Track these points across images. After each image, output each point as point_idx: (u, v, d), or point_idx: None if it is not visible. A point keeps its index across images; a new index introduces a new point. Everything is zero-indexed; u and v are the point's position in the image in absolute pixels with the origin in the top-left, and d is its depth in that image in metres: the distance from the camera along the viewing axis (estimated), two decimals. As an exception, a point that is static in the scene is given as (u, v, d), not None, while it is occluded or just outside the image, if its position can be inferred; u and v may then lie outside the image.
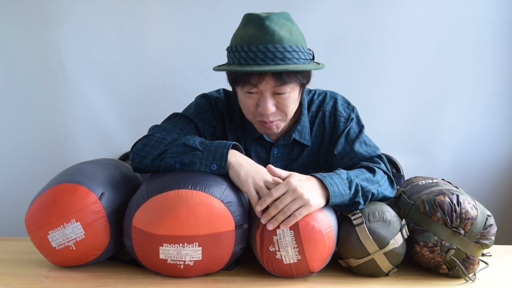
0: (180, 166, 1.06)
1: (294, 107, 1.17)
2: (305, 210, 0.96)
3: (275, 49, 1.06)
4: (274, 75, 1.08)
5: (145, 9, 1.83)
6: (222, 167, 1.03)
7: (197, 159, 1.04)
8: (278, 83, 1.09)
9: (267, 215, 0.96)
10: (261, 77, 1.08)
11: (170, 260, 0.95)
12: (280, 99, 1.12)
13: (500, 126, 1.90)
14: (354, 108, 1.29)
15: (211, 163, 1.04)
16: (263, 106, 1.11)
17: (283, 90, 1.10)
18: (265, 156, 1.27)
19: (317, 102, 1.28)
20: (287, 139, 1.24)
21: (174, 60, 1.86)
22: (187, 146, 1.07)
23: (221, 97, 1.29)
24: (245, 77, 1.09)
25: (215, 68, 1.17)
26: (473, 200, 1.03)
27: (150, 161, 1.09)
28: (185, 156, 1.06)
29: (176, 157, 1.06)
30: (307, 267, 0.96)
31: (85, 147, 1.88)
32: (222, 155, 1.04)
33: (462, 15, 1.84)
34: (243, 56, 1.08)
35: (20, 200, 1.47)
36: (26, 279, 0.99)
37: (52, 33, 1.82)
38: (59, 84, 1.85)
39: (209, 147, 1.06)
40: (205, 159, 1.04)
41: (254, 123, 1.19)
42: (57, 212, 0.97)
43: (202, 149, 1.05)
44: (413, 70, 1.87)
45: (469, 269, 1.01)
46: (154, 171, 1.10)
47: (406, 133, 1.90)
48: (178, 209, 0.93)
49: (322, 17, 1.78)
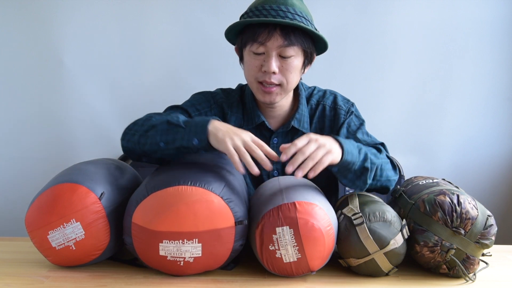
0: (165, 145, 1.08)
1: (295, 78, 1.21)
2: (330, 157, 1.01)
3: (287, 10, 1.14)
4: (282, 34, 1.14)
5: (145, 9, 1.84)
6: (203, 140, 1.04)
7: (179, 135, 1.06)
8: (285, 43, 1.14)
9: (294, 162, 0.98)
10: (270, 34, 1.14)
11: (170, 256, 0.95)
12: (284, 63, 1.17)
13: (499, 125, 1.90)
14: (354, 104, 1.34)
15: (192, 137, 1.05)
16: (267, 64, 1.16)
17: (288, 53, 1.16)
18: None
19: (317, 96, 1.33)
20: (286, 127, 1.28)
21: (174, 60, 1.87)
22: (170, 123, 1.09)
23: (218, 92, 1.34)
24: (254, 35, 1.15)
25: (227, 29, 1.21)
26: (473, 200, 1.03)
27: (138, 137, 1.12)
28: (168, 133, 1.08)
29: (161, 134, 1.09)
30: (307, 265, 0.96)
31: (85, 147, 1.88)
32: (203, 128, 1.04)
33: (462, 15, 1.84)
34: (256, 14, 1.15)
35: (20, 200, 1.47)
36: (26, 279, 0.99)
37: (52, 33, 1.82)
38: (59, 84, 1.86)
39: (190, 123, 1.07)
40: (187, 134, 1.05)
41: (256, 90, 1.22)
42: (57, 212, 0.97)
43: (184, 126, 1.07)
44: (413, 70, 1.87)
45: (469, 269, 1.01)
46: (140, 150, 1.13)
47: (406, 133, 1.90)
48: (177, 205, 0.93)
49: (322, 17, 1.78)
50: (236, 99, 1.32)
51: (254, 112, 1.29)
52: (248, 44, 1.18)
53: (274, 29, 1.14)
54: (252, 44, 1.17)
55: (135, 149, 1.14)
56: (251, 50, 1.18)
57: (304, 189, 1.05)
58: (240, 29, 1.22)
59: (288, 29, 1.14)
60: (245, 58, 1.22)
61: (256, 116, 1.28)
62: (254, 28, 1.16)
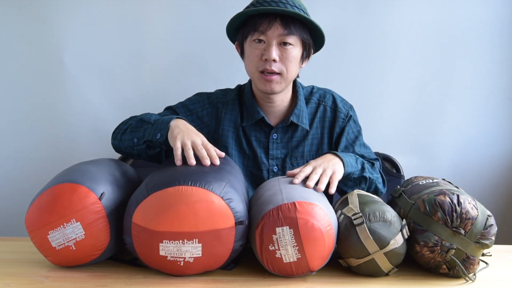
0: (137, 140, 1.18)
1: (294, 68, 1.26)
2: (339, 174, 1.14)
3: (286, 2, 1.20)
4: (282, 23, 1.20)
5: (145, 9, 1.83)
6: (163, 135, 1.12)
7: (148, 131, 1.15)
8: (285, 32, 1.20)
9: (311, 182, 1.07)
10: (270, 24, 1.20)
11: (170, 256, 0.95)
12: (284, 51, 1.22)
13: (499, 126, 1.90)
14: (352, 107, 1.39)
15: (157, 132, 1.14)
16: (268, 53, 1.21)
17: (288, 41, 1.21)
18: (265, 141, 1.33)
19: (317, 95, 1.38)
20: (285, 122, 1.32)
21: (174, 60, 1.87)
22: (143, 121, 1.20)
23: (216, 92, 1.39)
24: (256, 25, 1.21)
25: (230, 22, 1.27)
26: (473, 200, 1.03)
27: (120, 135, 1.24)
28: (140, 130, 1.19)
29: (134, 132, 1.20)
30: (307, 265, 0.96)
31: (85, 147, 1.88)
32: (166, 125, 1.13)
33: (462, 15, 1.84)
34: (257, 6, 1.21)
35: (20, 200, 1.47)
36: (26, 279, 0.99)
37: (52, 33, 1.82)
38: (59, 84, 1.86)
39: (158, 120, 1.17)
40: (153, 129, 1.15)
41: (257, 81, 1.27)
42: (57, 212, 0.97)
43: (153, 123, 1.17)
44: (413, 70, 1.87)
45: (469, 269, 1.01)
46: (123, 146, 1.24)
47: (406, 133, 1.90)
48: (178, 205, 0.93)
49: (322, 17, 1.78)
50: (233, 97, 1.36)
51: (253, 109, 1.32)
52: (249, 35, 1.24)
53: (274, 19, 1.20)
54: (253, 34, 1.23)
55: (119, 146, 1.26)
56: (252, 39, 1.23)
57: (304, 189, 1.05)
58: (241, 23, 1.27)
59: (288, 19, 1.21)
60: (246, 50, 1.27)
61: (255, 112, 1.31)
62: (255, 19, 1.22)
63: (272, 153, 1.33)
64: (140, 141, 1.18)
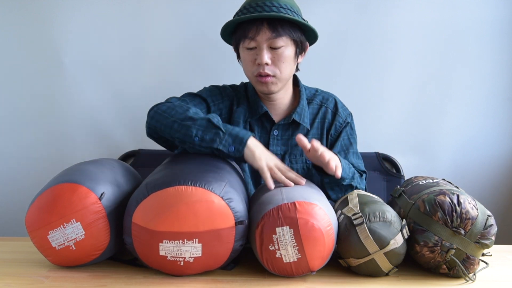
0: (199, 140, 1.14)
1: (288, 68, 1.28)
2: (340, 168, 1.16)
3: (271, 4, 1.22)
4: (269, 26, 1.21)
5: (145, 9, 1.83)
6: (239, 151, 1.13)
7: (218, 138, 1.14)
8: (273, 35, 1.22)
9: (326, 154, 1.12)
10: (258, 29, 1.22)
11: (170, 256, 0.95)
12: (275, 54, 1.24)
13: (499, 126, 1.90)
14: (351, 114, 1.43)
15: (230, 144, 1.14)
16: (259, 57, 1.24)
17: (278, 44, 1.23)
18: (265, 137, 1.36)
19: (320, 97, 1.41)
20: (287, 119, 1.35)
21: (174, 60, 1.87)
22: (211, 123, 1.16)
23: (227, 87, 1.41)
24: (245, 31, 1.23)
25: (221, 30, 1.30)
26: (473, 200, 1.03)
27: (171, 122, 1.18)
28: (207, 131, 1.15)
29: (198, 129, 1.15)
30: (307, 265, 0.97)
31: (85, 147, 1.88)
32: (242, 140, 1.14)
33: (462, 15, 1.84)
34: (244, 12, 1.23)
35: (20, 200, 1.47)
36: (26, 279, 0.99)
37: (52, 33, 1.82)
38: (59, 84, 1.86)
39: (230, 130, 1.16)
40: (225, 140, 1.14)
41: (254, 82, 1.30)
42: (57, 212, 0.97)
43: (224, 131, 1.15)
44: (413, 70, 1.87)
45: (469, 269, 1.01)
46: (168, 134, 1.18)
47: (406, 133, 1.90)
48: (178, 205, 0.93)
49: (322, 17, 1.78)
50: (242, 93, 1.40)
51: (257, 104, 1.35)
52: (241, 41, 1.27)
53: (261, 24, 1.22)
54: (244, 41, 1.26)
55: (163, 131, 1.20)
56: (244, 46, 1.26)
57: (304, 189, 1.05)
58: (233, 29, 1.29)
59: (275, 22, 1.22)
60: (241, 55, 1.31)
61: (259, 107, 1.35)
62: (244, 26, 1.25)
63: (272, 149, 1.34)
64: (204, 143, 1.14)
